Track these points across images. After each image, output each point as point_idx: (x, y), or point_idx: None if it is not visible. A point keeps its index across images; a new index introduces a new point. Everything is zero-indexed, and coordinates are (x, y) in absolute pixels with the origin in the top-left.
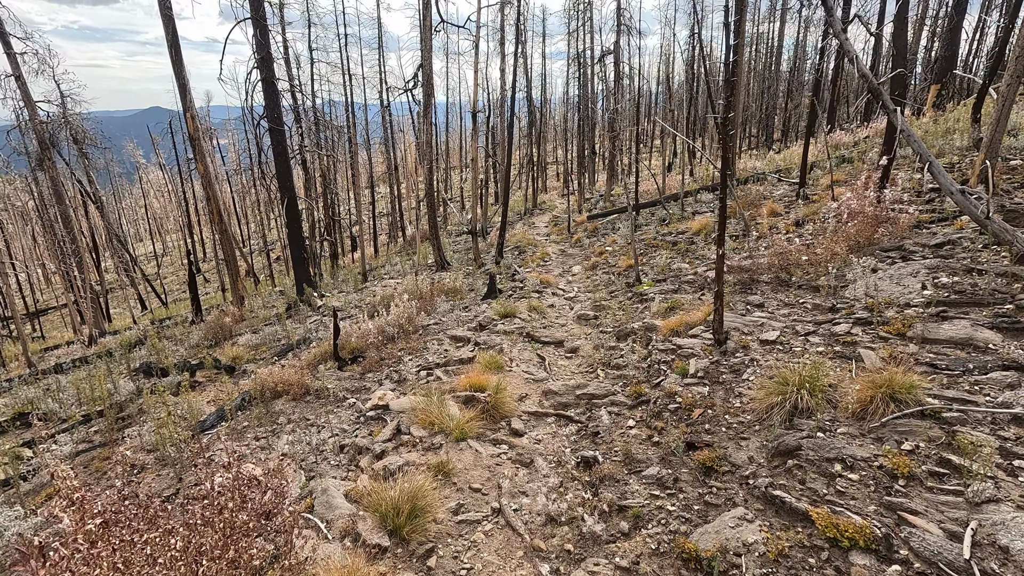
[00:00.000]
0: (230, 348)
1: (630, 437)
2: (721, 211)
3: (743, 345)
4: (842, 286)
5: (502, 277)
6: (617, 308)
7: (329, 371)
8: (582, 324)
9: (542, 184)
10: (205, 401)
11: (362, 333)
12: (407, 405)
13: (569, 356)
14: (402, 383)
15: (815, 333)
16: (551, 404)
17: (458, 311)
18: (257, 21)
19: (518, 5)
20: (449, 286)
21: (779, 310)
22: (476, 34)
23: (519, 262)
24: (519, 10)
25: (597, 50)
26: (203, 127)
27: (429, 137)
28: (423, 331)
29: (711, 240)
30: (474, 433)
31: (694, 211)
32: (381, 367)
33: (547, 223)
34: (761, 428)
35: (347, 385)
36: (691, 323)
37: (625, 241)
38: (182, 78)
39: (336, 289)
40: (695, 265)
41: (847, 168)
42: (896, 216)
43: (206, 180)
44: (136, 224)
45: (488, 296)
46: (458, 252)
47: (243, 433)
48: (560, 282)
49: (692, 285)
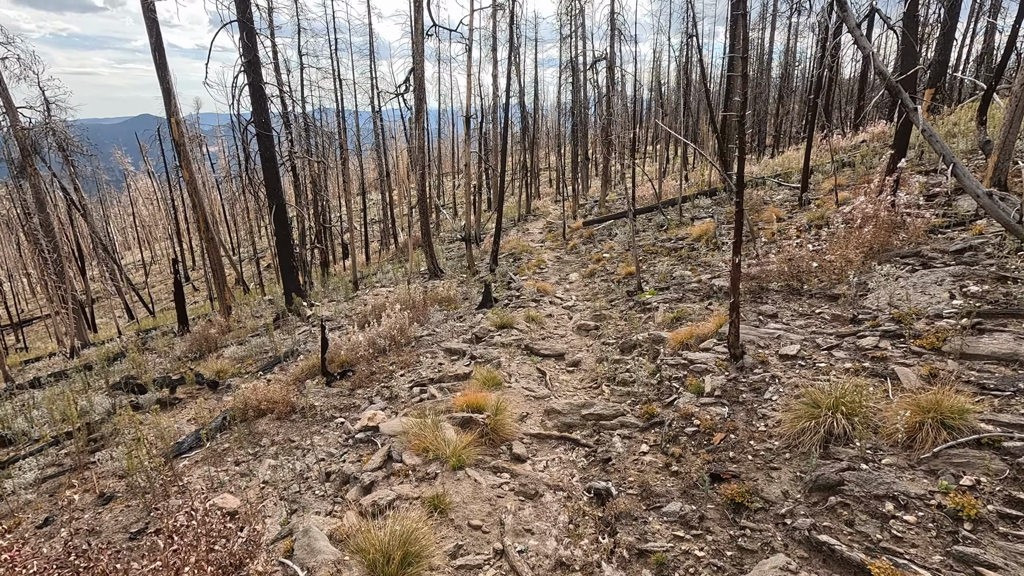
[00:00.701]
0: (215, 361)
1: (645, 465)
2: (737, 216)
3: (761, 360)
4: (861, 295)
5: (497, 285)
6: (619, 318)
7: (317, 387)
8: (582, 335)
9: (535, 190)
10: (185, 419)
11: (352, 346)
12: (398, 428)
13: (571, 370)
14: (394, 400)
15: (839, 347)
16: (555, 425)
17: (452, 321)
18: (243, 24)
19: (511, 8)
20: (443, 295)
21: (794, 321)
22: (469, 37)
23: (514, 269)
24: (512, 13)
25: (589, 56)
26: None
27: (421, 142)
28: (416, 343)
29: (713, 247)
30: (472, 460)
31: (692, 217)
32: (372, 383)
33: (541, 229)
34: (792, 456)
35: (335, 403)
36: (702, 335)
37: (623, 247)
38: (166, 82)
39: (326, 298)
40: (698, 272)
41: (847, 172)
42: (912, 221)
43: (192, 187)
44: (124, 232)
45: (483, 305)
46: (451, 259)
47: (223, 456)
48: (558, 290)
49: (696, 294)
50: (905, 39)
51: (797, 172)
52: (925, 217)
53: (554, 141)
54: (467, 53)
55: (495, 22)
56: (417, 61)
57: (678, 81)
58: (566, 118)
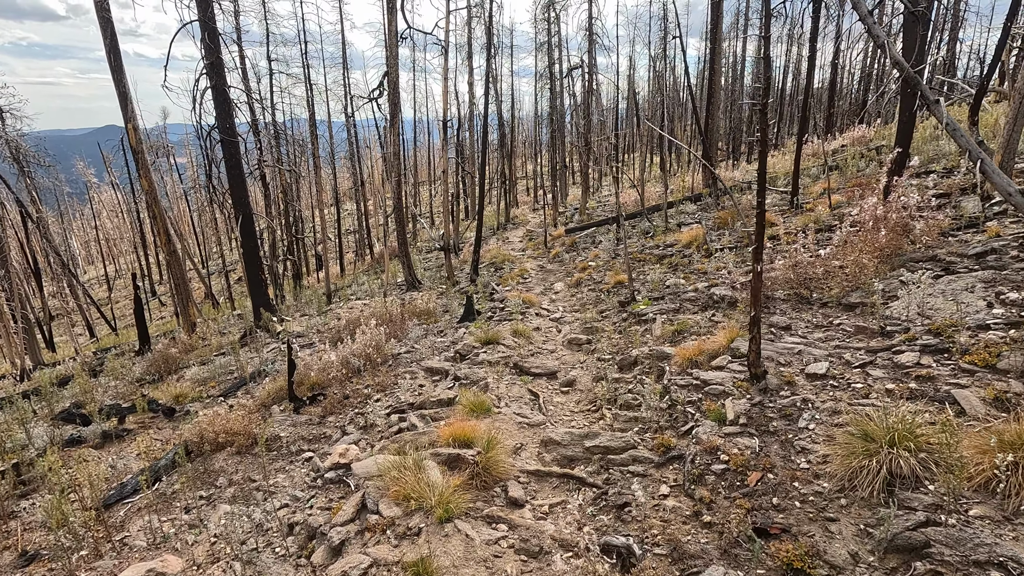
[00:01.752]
0: (175, 383)
1: (669, 512)
2: (759, 218)
3: (787, 381)
4: (881, 303)
5: (479, 297)
6: (612, 331)
7: (283, 414)
8: (574, 350)
9: (513, 198)
10: (134, 454)
11: (323, 365)
12: (374, 469)
13: (565, 391)
14: (369, 430)
15: (873, 364)
16: (554, 459)
17: (433, 336)
18: (205, 24)
19: (489, 10)
20: (421, 308)
21: (812, 334)
22: (445, 40)
23: (496, 280)
24: (490, 16)
25: (565, 65)
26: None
27: (397, 148)
28: (394, 361)
29: (705, 253)
30: (462, 509)
31: (679, 223)
32: (345, 408)
33: (521, 238)
34: (851, 503)
35: (304, 433)
36: (712, 351)
37: (609, 255)
38: (123, 86)
39: (298, 312)
40: (692, 280)
41: (834, 176)
42: (926, 223)
43: (151, 197)
44: (88, 246)
45: (465, 319)
46: (429, 270)
47: (171, 501)
48: (543, 301)
49: (695, 304)
50: (909, 34)
51: (783, 176)
52: (938, 219)
53: (531, 150)
54: (443, 56)
55: (470, 29)
56: (391, 64)
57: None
58: (543, 126)
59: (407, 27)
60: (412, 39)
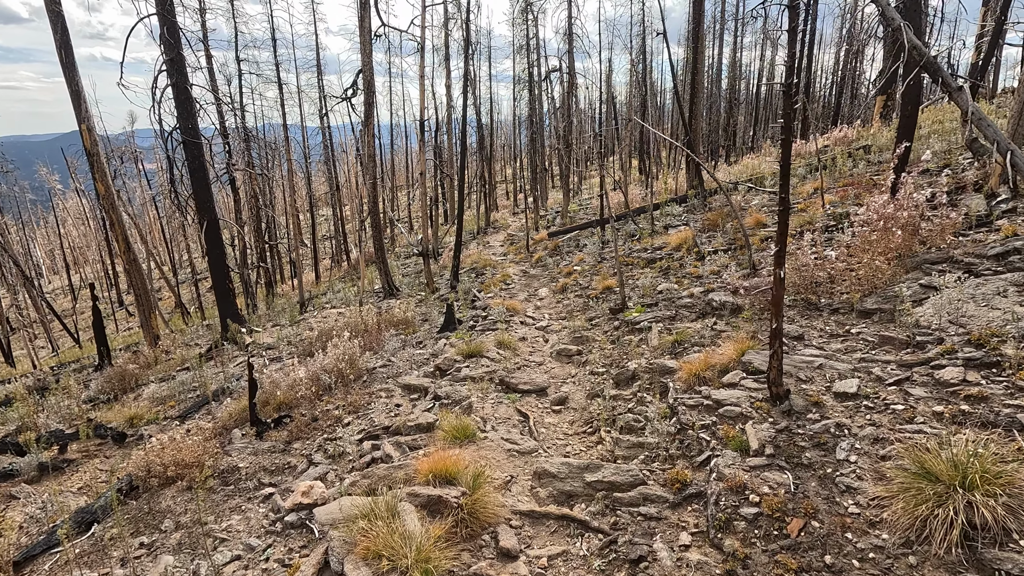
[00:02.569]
0: (131, 403)
1: (694, 570)
2: (782, 216)
3: (814, 402)
4: (900, 310)
5: (460, 304)
6: (604, 340)
7: (244, 440)
8: (563, 362)
9: (493, 202)
10: (75, 488)
11: (291, 383)
12: (339, 514)
13: (557, 410)
14: (339, 460)
15: (911, 381)
16: (550, 495)
17: (411, 348)
18: (164, 18)
19: (467, 3)
20: (399, 317)
21: (829, 344)
22: (421, 36)
23: (478, 286)
24: (468, 7)
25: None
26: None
27: (372, 150)
28: (368, 377)
29: (696, 256)
30: (444, 568)
31: (666, 225)
32: (313, 432)
33: (502, 242)
34: (921, 561)
35: (266, 462)
36: (721, 365)
37: (594, 259)
38: (75, 84)
39: (270, 322)
40: (686, 285)
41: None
42: (940, 222)
43: (108, 203)
44: (53, 255)
45: (446, 328)
46: (408, 276)
47: (108, 550)
48: (528, 308)
49: (691, 311)
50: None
51: (769, 176)
52: (951, 218)
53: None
54: (419, 53)
55: (447, 32)
56: (365, 63)
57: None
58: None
59: (381, 24)
60: (387, 37)
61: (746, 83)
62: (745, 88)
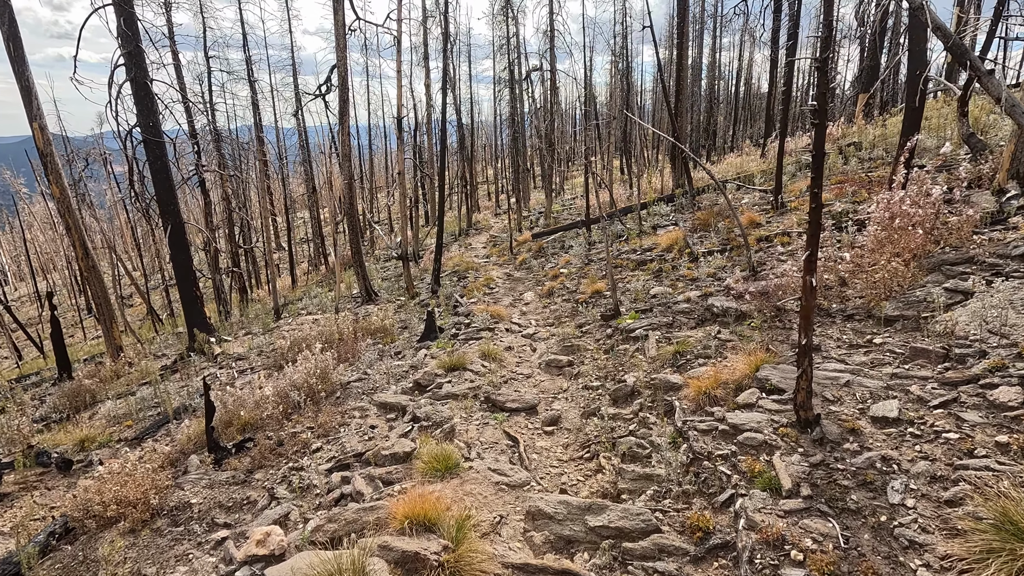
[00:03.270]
0: (85, 422)
1: None
2: (814, 212)
3: (850, 428)
4: (927, 317)
5: (442, 311)
6: (596, 349)
7: (201, 469)
8: (554, 374)
9: (475, 203)
10: (7, 528)
11: (257, 401)
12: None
13: (549, 431)
14: (305, 494)
15: (959, 403)
16: (546, 540)
17: (389, 359)
18: (120, 7)
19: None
20: (377, 325)
21: (852, 356)
22: (398, 30)
23: (460, 290)
24: (446, 3)
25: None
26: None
27: (348, 148)
28: (342, 392)
29: (690, 258)
30: None
31: (654, 225)
32: (278, 460)
33: (485, 244)
34: None
35: (222, 497)
36: (733, 382)
37: (581, 261)
38: (25, 79)
39: (243, 330)
40: (681, 289)
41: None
42: (959, 220)
43: (63, 206)
44: (19, 261)
45: (426, 337)
46: (388, 279)
47: None
48: (513, 314)
49: (690, 316)
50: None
51: (758, 174)
52: (968, 215)
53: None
54: (396, 46)
55: (426, 31)
56: (339, 57)
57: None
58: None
59: (356, 18)
60: (363, 33)
61: (725, 83)
62: (724, 88)
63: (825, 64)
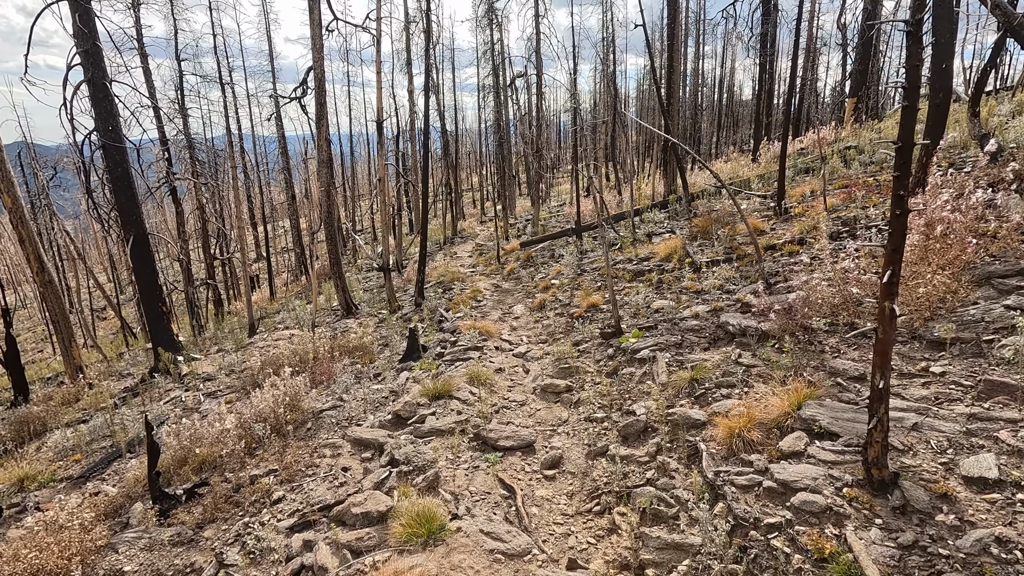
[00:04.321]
0: (32, 455)
1: None
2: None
3: (940, 493)
4: (987, 340)
5: (426, 326)
6: (597, 373)
7: (141, 527)
8: (550, 401)
9: (460, 211)
10: None
11: (215, 436)
12: None
13: (550, 475)
14: (259, 562)
15: None
16: None
17: (367, 382)
18: (75, 3)
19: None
20: (355, 343)
21: (908, 389)
22: (377, 29)
23: (445, 303)
24: (428, 5)
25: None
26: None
27: (326, 153)
28: (313, 423)
29: (692, 268)
30: None
31: (648, 233)
32: (233, 513)
33: (471, 252)
34: None
35: (162, 564)
36: (771, 422)
37: (573, 271)
38: None
39: (216, 346)
40: (685, 303)
41: (809, 178)
42: (1008, 231)
43: (16, 216)
44: None
45: (408, 357)
46: (370, 291)
47: None
48: (503, 330)
49: (700, 335)
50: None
51: (755, 179)
52: (1017, 221)
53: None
54: (375, 45)
55: (408, 35)
56: (316, 58)
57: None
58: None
59: (333, 18)
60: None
61: (708, 90)
62: (707, 96)
63: (919, 27)
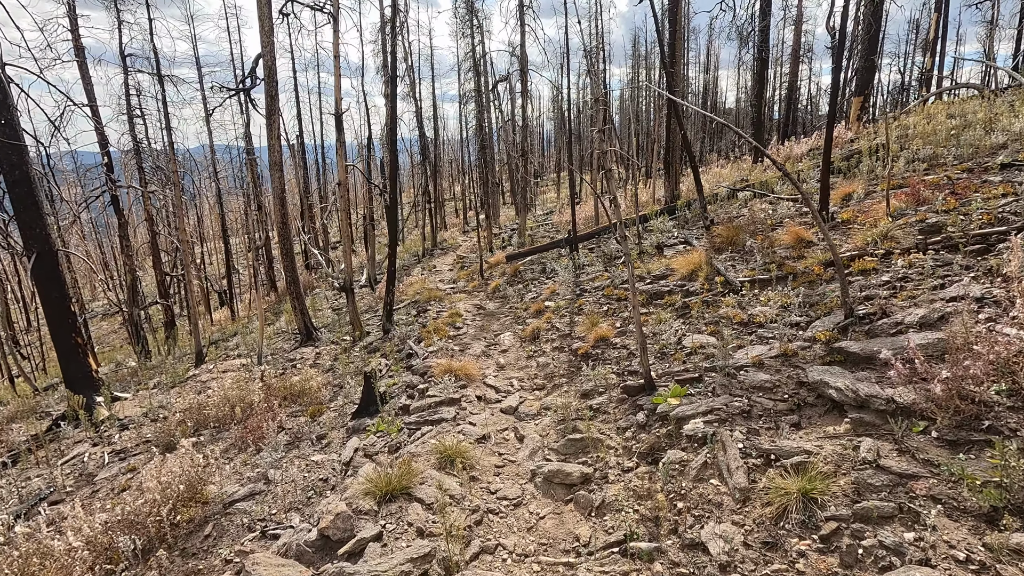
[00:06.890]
0: None
1: None
2: None
3: None
4: None
5: (393, 361)
6: (625, 451)
7: None
8: (558, 498)
9: (441, 221)
10: None
11: (63, 561)
12: None
13: None
14: None
15: None
16: None
17: (307, 448)
18: None
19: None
20: (299, 387)
21: None
22: (335, 5)
23: (418, 331)
24: None
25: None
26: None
27: (279, 155)
28: (217, 524)
29: (728, 291)
30: None
31: (658, 244)
32: None
33: (451, 265)
34: None
35: None
36: None
37: (571, 291)
38: None
39: (156, 378)
40: (732, 340)
41: (838, 180)
42: None
43: None
44: None
45: (363, 412)
46: (339, 311)
47: None
48: (487, 368)
49: (774, 397)
50: None
51: (776, 181)
52: None
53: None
54: (332, 24)
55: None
56: (265, 43)
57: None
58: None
59: (287, 1)
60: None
61: (693, 97)
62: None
63: None
